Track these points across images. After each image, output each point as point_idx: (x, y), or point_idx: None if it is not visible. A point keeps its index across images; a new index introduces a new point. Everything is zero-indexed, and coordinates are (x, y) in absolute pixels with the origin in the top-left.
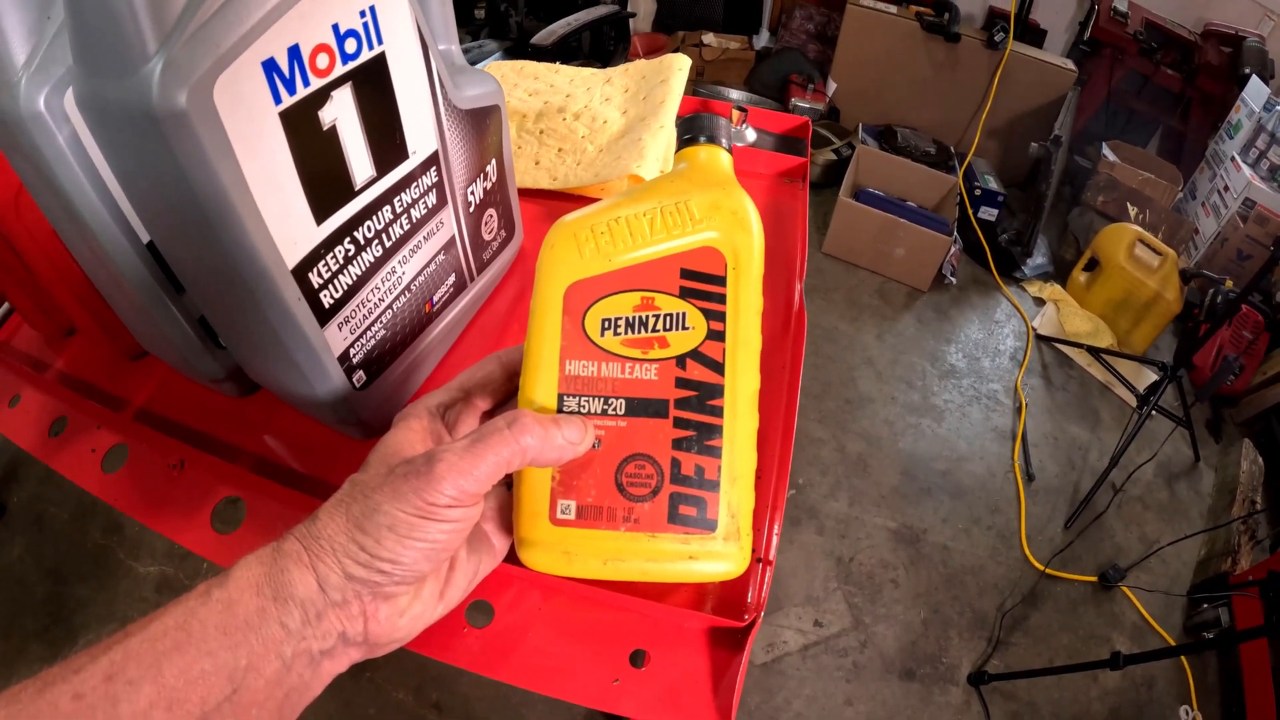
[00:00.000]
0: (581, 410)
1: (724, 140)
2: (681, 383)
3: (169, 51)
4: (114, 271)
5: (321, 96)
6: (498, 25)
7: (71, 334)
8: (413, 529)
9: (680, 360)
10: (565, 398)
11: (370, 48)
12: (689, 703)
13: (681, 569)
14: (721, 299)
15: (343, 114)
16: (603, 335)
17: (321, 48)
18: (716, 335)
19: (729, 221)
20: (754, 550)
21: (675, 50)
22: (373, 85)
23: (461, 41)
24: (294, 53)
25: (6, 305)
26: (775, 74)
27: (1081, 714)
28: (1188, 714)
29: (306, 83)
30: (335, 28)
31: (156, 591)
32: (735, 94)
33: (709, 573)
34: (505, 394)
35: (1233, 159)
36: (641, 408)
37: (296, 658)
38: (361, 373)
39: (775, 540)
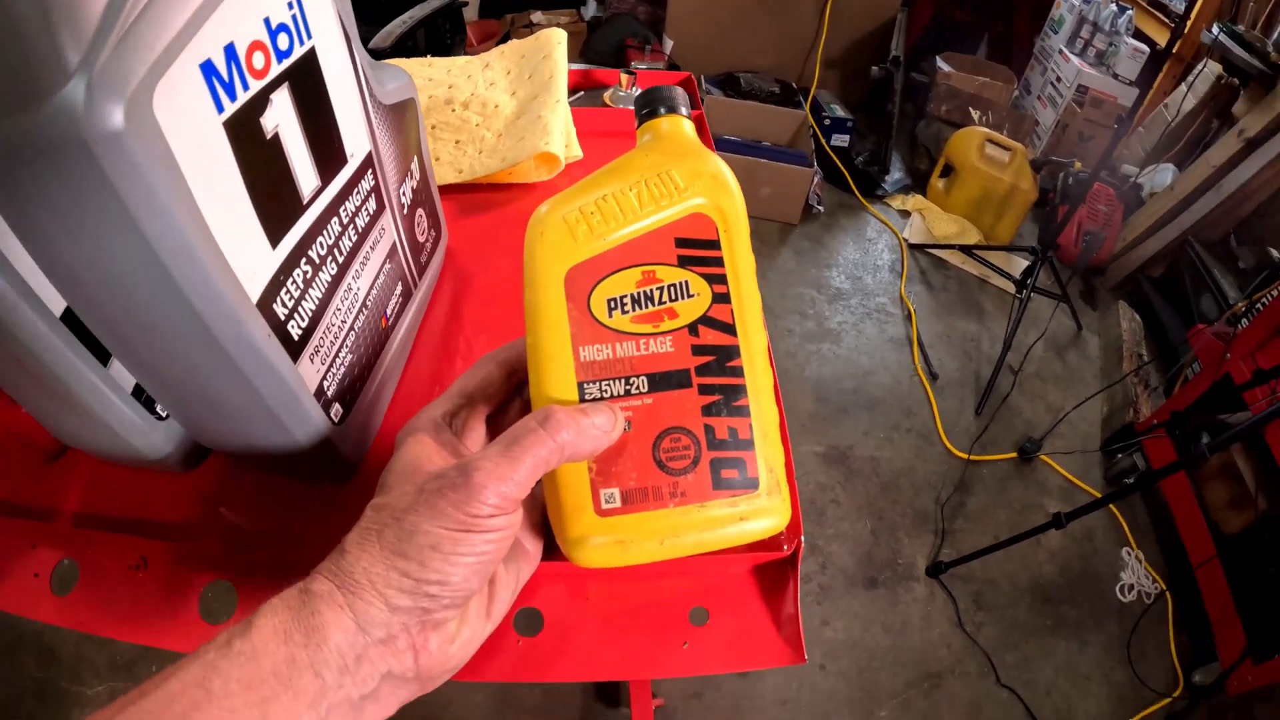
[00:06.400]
0: (604, 395)
1: (683, 109)
2: (698, 349)
3: (95, 63)
4: (22, 355)
5: (262, 101)
6: None
7: None
8: (458, 545)
9: (692, 328)
10: (585, 385)
11: (301, 43)
12: (759, 643)
13: (735, 532)
14: (719, 262)
15: (284, 119)
16: (611, 316)
17: (256, 45)
18: (722, 298)
19: (712, 186)
20: None
21: (507, 33)
22: (308, 85)
23: None
24: (230, 52)
25: None
26: (609, 42)
27: (1037, 577)
28: (1129, 554)
29: (246, 86)
30: (267, 22)
31: None
32: (575, 66)
33: (761, 530)
34: (505, 394)
35: (1060, 52)
36: (664, 381)
37: (333, 709)
38: (338, 405)
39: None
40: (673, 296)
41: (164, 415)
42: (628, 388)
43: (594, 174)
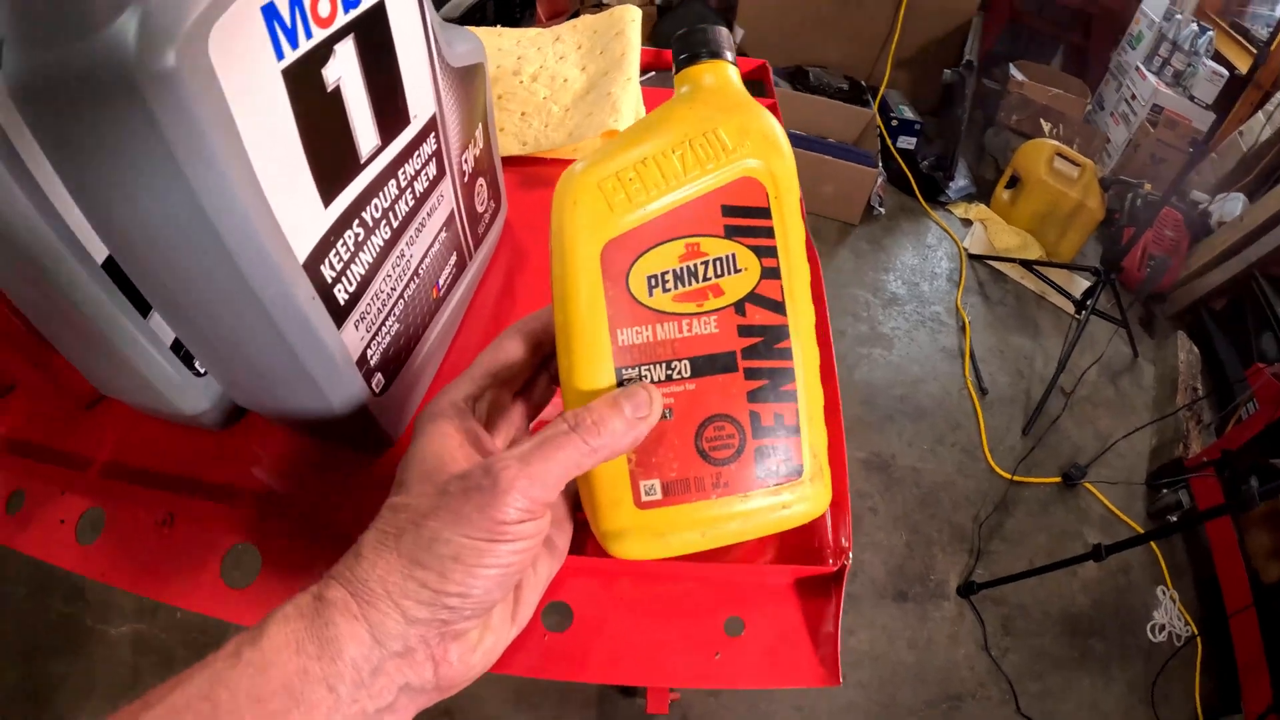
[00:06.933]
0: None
1: (728, 53)
2: (745, 330)
3: None
4: (61, 302)
5: (324, 51)
6: None
7: (10, 391)
8: (482, 556)
9: (739, 306)
10: (623, 371)
11: None
12: (794, 661)
13: (775, 519)
14: (769, 232)
15: (347, 73)
16: (651, 294)
17: None
18: (771, 273)
19: (763, 146)
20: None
21: (576, 11)
22: (375, 39)
23: None
24: None
25: None
26: (680, 28)
27: (1068, 607)
28: (1164, 593)
29: (309, 34)
30: None
31: (134, 653)
32: (645, 47)
33: (801, 515)
34: (533, 369)
35: (1137, 69)
36: (708, 365)
37: None
38: (380, 375)
39: (846, 478)
40: (718, 272)
41: (202, 372)
42: (669, 372)
43: (626, 131)
